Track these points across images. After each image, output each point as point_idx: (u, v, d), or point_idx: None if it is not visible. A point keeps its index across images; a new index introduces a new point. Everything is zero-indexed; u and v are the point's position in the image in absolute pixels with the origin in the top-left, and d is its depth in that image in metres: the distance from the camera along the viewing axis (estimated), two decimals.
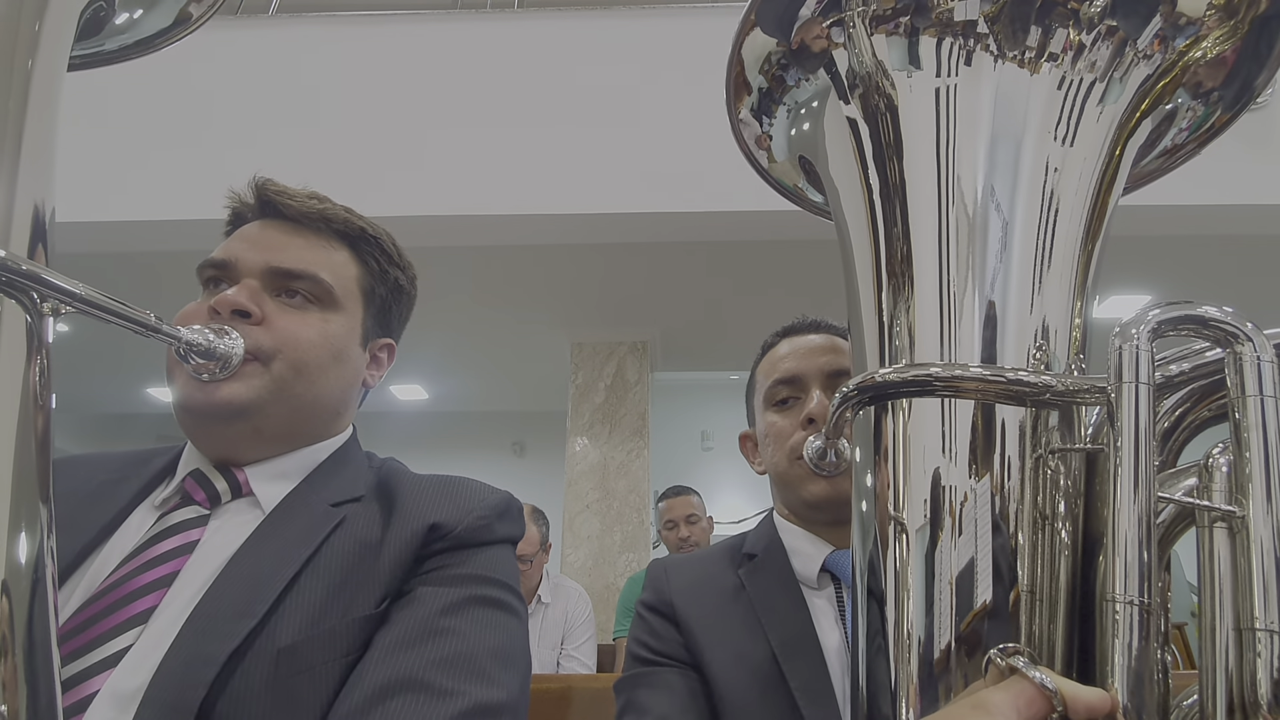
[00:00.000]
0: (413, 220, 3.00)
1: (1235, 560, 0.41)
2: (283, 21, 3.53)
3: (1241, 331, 0.43)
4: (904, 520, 0.51)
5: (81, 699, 0.53)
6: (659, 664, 0.82)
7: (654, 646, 0.84)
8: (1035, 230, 0.54)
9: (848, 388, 0.49)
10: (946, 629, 0.48)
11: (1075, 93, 0.55)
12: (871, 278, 0.58)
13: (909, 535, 0.51)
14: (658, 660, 0.83)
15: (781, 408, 0.89)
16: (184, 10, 0.69)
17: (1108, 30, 0.54)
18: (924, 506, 0.51)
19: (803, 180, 0.75)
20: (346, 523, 0.67)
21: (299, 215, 0.73)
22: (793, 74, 0.64)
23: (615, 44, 3.37)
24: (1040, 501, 0.49)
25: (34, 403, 0.44)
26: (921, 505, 0.51)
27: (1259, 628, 0.39)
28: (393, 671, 0.57)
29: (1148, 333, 0.43)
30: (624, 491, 4.21)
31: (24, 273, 0.43)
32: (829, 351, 0.88)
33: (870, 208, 0.59)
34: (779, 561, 0.87)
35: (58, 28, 0.52)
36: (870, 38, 0.58)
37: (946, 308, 0.53)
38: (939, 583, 0.49)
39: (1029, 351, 0.52)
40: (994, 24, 0.54)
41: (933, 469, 0.51)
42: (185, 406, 0.66)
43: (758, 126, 0.71)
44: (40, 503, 0.44)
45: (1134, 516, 0.40)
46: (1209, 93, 0.58)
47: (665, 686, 0.79)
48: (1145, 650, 0.39)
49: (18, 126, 0.46)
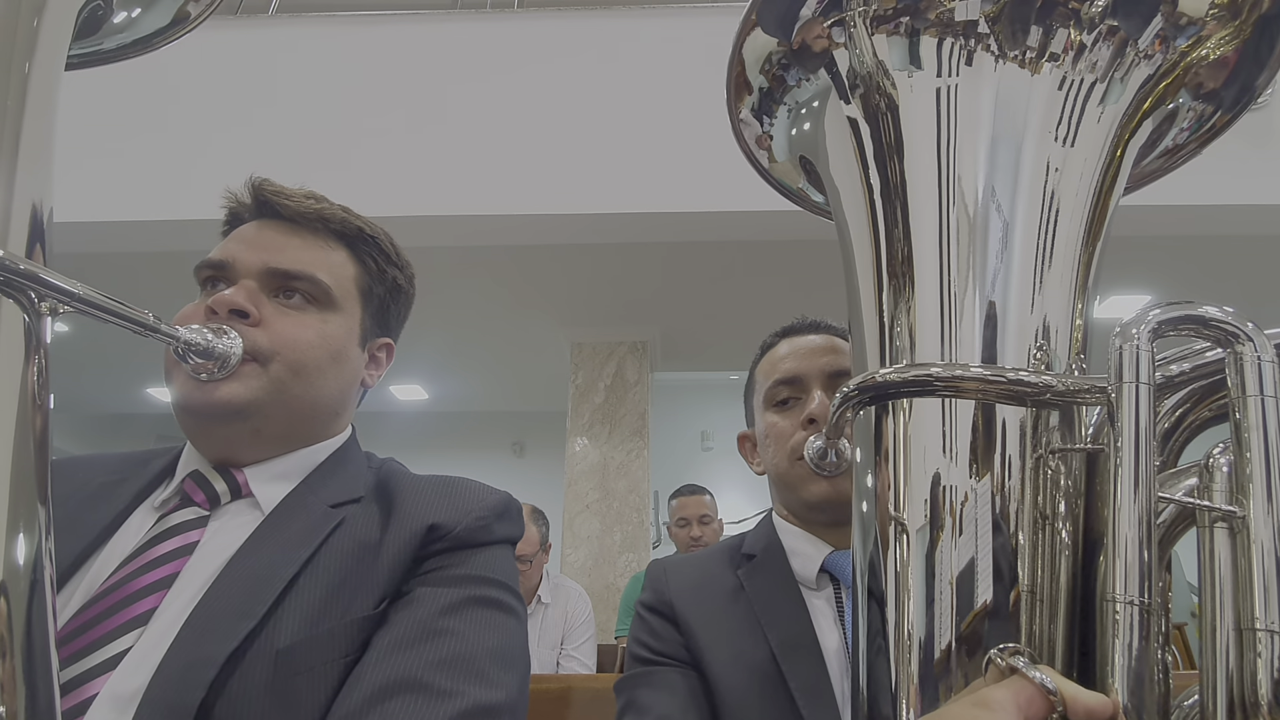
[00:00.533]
0: (412, 220, 3.00)
1: (1236, 560, 0.41)
2: (281, 21, 3.53)
3: (1242, 331, 0.43)
4: (904, 520, 0.51)
5: (81, 701, 0.52)
6: (659, 664, 0.82)
7: (654, 646, 0.84)
8: (1036, 230, 0.54)
9: (848, 388, 0.49)
10: (947, 629, 0.48)
11: (1076, 93, 0.55)
12: (872, 277, 0.58)
13: (909, 535, 0.51)
14: (658, 660, 0.83)
15: (782, 408, 0.89)
16: (182, 9, 0.69)
17: (1109, 30, 0.54)
18: (924, 506, 0.50)
19: (803, 180, 0.75)
20: (346, 524, 0.67)
21: (296, 215, 0.73)
22: (793, 74, 0.64)
23: (615, 44, 3.37)
24: (1041, 501, 0.49)
25: (32, 403, 0.44)
26: (922, 505, 0.51)
27: (1259, 628, 0.39)
28: (392, 672, 0.57)
29: (1148, 333, 0.43)
30: (624, 492, 4.20)
31: (21, 272, 0.43)
32: (829, 352, 0.88)
33: (871, 208, 0.59)
34: (778, 562, 0.87)
35: (55, 27, 0.51)
36: (871, 38, 0.58)
37: (947, 307, 0.53)
38: (939, 583, 0.49)
39: (1030, 351, 0.52)
40: (995, 24, 0.54)
41: (933, 469, 0.51)
42: (184, 406, 0.66)
43: (758, 126, 0.71)
44: (38, 504, 0.44)
45: (1134, 517, 0.40)
46: (1210, 93, 0.58)
47: (666, 686, 0.79)
48: (1145, 650, 0.39)
49: (15, 126, 0.46)
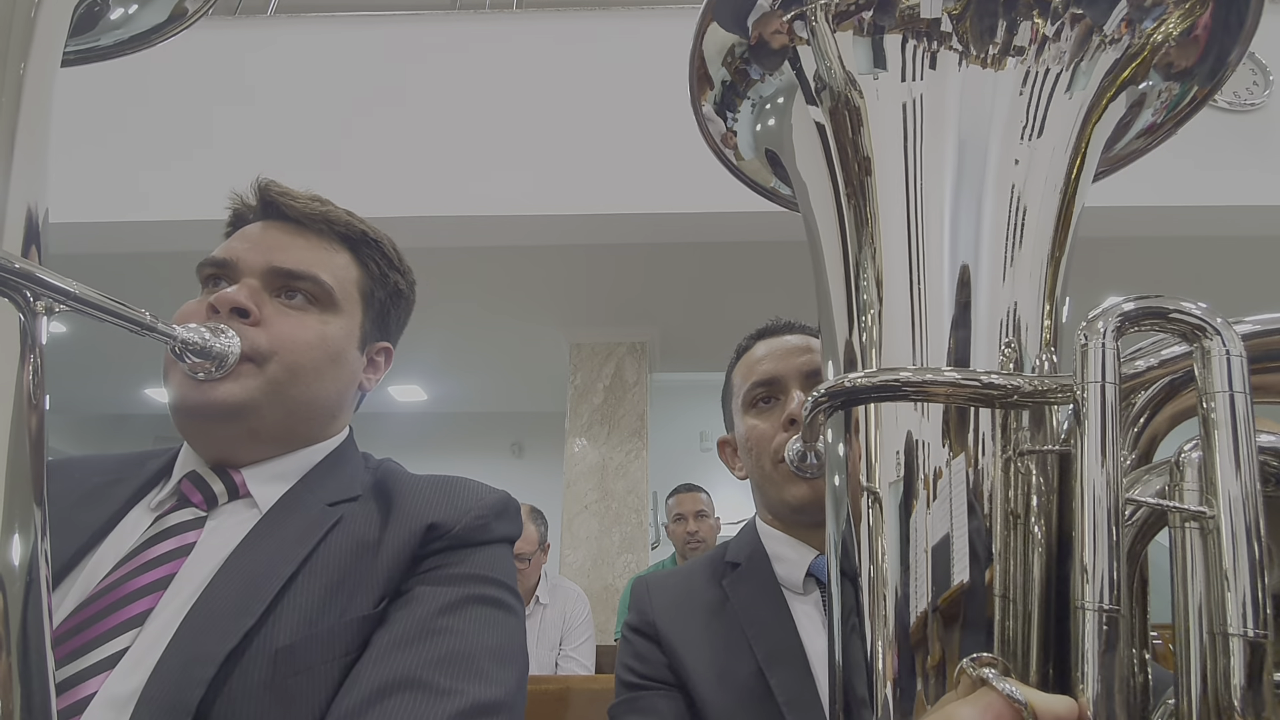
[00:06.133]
0: (411, 221, 3.00)
1: (1208, 561, 0.40)
2: (281, 22, 3.53)
3: (1209, 325, 0.41)
4: (877, 489, 0.50)
5: (77, 701, 0.52)
6: (645, 688, 0.82)
7: (639, 670, 0.84)
8: (1004, 225, 0.53)
9: (819, 392, 0.48)
10: (922, 596, 0.47)
11: (1041, 86, 0.53)
12: (841, 274, 0.57)
13: (882, 504, 0.50)
14: (644, 685, 0.82)
15: (762, 410, 0.88)
16: (179, 6, 0.69)
17: (1073, 19, 0.53)
18: (896, 472, 0.49)
19: (775, 180, 0.74)
20: (344, 522, 0.67)
21: (301, 217, 0.73)
22: (755, 69, 0.63)
23: (614, 44, 3.37)
24: (1013, 499, 0.48)
25: (27, 403, 0.44)
26: (894, 471, 0.50)
27: (1232, 632, 0.38)
28: (391, 671, 0.57)
29: (1113, 329, 0.42)
30: (622, 492, 4.20)
31: (16, 271, 0.42)
32: (806, 351, 0.87)
33: (838, 204, 0.58)
34: (763, 569, 0.87)
35: (51, 23, 0.51)
36: (834, 34, 0.57)
37: (916, 304, 0.52)
38: (914, 550, 0.48)
39: (999, 346, 0.51)
40: (959, 21, 0.54)
41: (904, 437, 0.50)
42: (180, 406, 0.65)
43: (722, 123, 0.70)
44: (34, 504, 0.44)
45: (1101, 519, 0.39)
46: (1183, 71, 0.57)
47: (653, 712, 0.79)
48: (1113, 657, 0.38)
49: (10, 124, 0.46)
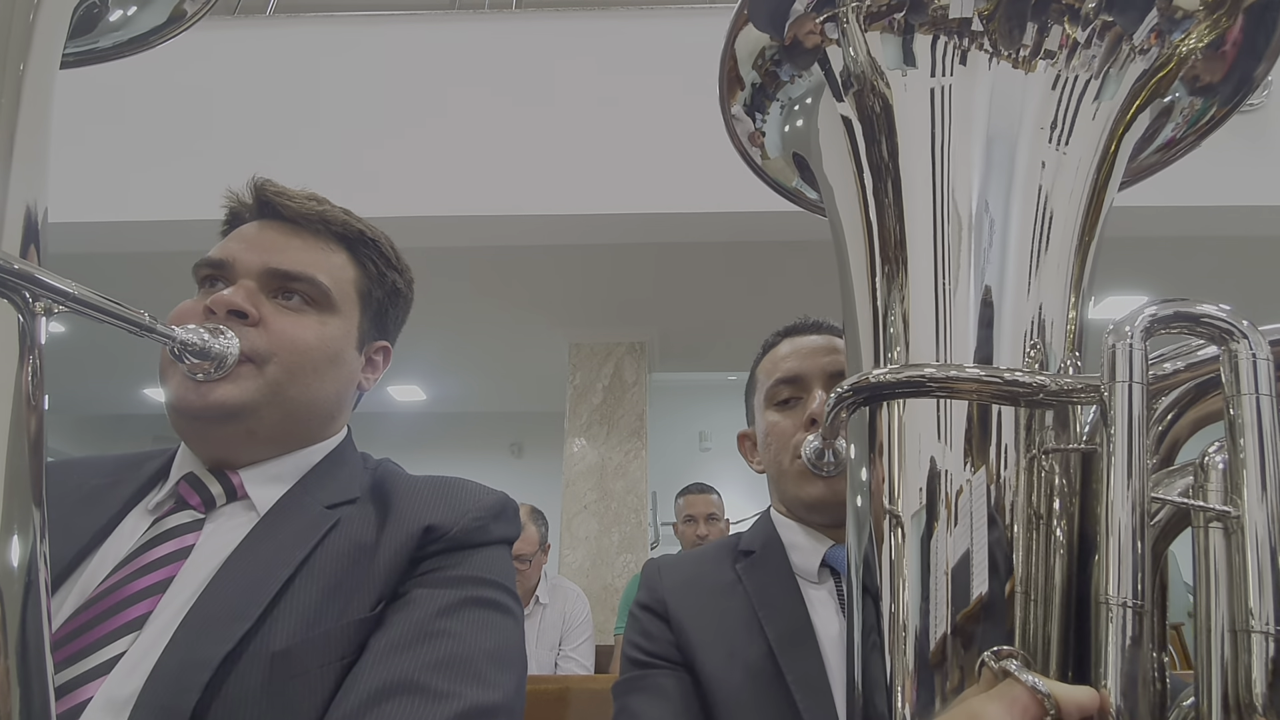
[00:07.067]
0: (410, 220, 3.00)
1: (1230, 560, 0.41)
2: (280, 22, 3.53)
3: (1236, 328, 0.42)
4: (899, 513, 0.51)
5: (75, 705, 0.52)
6: (652, 666, 0.82)
7: (646, 648, 0.84)
8: (1031, 227, 0.53)
9: (842, 388, 0.48)
10: (942, 620, 0.47)
11: (1071, 90, 0.54)
12: (866, 275, 0.58)
13: (904, 528, 0.50)
14: (650, 662, 0.82)
15: (783, 407, 0.89)
16: (178, 7, 0.69)
17: (1103, 26, 0.53)
18: (919, 498, 0.50)
19: (797, 179, 0.75)
20: (341, 525, 0.67)
21: (297, 216, 0.72)
22: (786, 70, 0.64)
23: (614, 44, 3.37)
24: (1036, 500, 0.49)
25: (26, 404, 0.44)
26: (917, 496, 0.50)
27: (1254, 629, 0.39)
28: (388, 674, 0.57)
29: (1141, 331, 0.43)
30: (622, 492, 4.20)
31: (15, 271, 0.42)
32: (830, 352, 0.88)
33: (865, 206, 0.59)
34: (777, 557, 0.87)
35: (50, 25, 0.51)
36: (864, 34, 0.57)
37: (942, 304, 0.53)
38: (934, 574, 0.48)
39: (1024, 347, 0.52)
40: (989, 21, 0.54)
41: (928, 462, 0.50)
42: (178, 408, 0.65)
43: (751, 123, 0.70)
44: (33, 506, 0.43)
45: (1127, 517, 0.40)
46: (1207, 86, 0.58)
47: (658, 691, 0.79)
48: (1138, 652, 0.39)
49: (10, 125, 0.46)
